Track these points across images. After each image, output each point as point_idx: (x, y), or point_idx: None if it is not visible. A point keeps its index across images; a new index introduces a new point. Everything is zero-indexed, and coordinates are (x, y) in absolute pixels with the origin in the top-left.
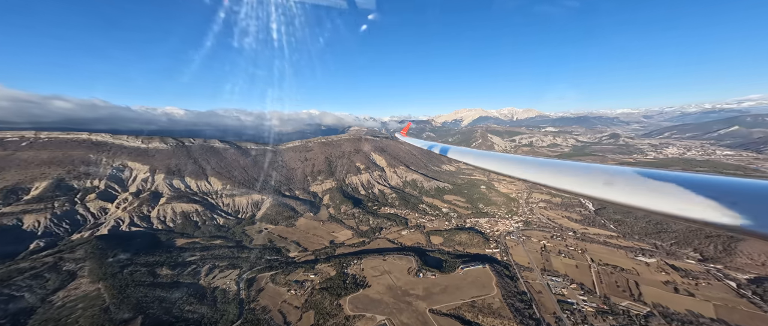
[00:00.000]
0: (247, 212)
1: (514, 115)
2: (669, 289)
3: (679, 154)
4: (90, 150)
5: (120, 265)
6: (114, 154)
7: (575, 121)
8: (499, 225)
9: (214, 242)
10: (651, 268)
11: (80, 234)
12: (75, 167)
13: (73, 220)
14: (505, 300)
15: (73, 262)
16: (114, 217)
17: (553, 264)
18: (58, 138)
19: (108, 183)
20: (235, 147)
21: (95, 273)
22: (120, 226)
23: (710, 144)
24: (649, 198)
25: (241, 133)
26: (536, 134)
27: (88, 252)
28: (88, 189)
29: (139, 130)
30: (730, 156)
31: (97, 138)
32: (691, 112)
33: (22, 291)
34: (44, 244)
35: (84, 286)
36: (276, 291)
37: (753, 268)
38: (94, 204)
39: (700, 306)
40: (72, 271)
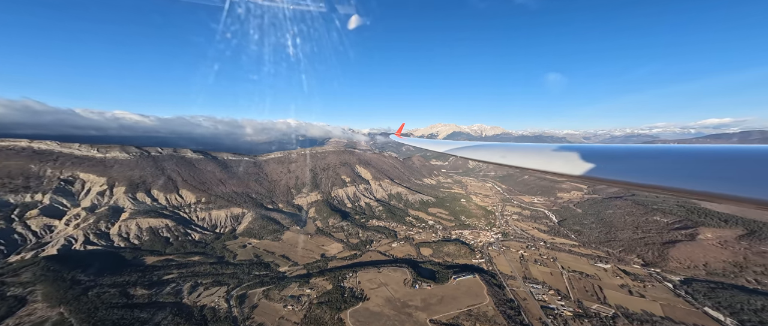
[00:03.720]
0: (225, 226)
1: (483, 131)
2: (625, 292)
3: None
4: (31, 160)
5: (81, 287)
6: (61, 165)
7: (533, 140)
8: (481, 236)
9: (191, 259)
10: (608, 273)
11: (20, 255)
12: (12, 179)
13: (9, 240)
14: (497, 307)
15: (20, 286)
16: (64, 235)
17: (531, 272)
18: None
19: (54, 198)
20: (210, 157)
21: (52, 297)
22: (72, 245)
23: None
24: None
25: (212, 142)
26: None
27: (37, 275)
28: (28, 204)
29: (95, 137)
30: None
31: (40, 146)
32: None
33: None
34: None
35: (40, 311)
36: (271, 307)
37: (682, 271)
38: (36, 221)
39: (651, 306)
40: (20, 296)
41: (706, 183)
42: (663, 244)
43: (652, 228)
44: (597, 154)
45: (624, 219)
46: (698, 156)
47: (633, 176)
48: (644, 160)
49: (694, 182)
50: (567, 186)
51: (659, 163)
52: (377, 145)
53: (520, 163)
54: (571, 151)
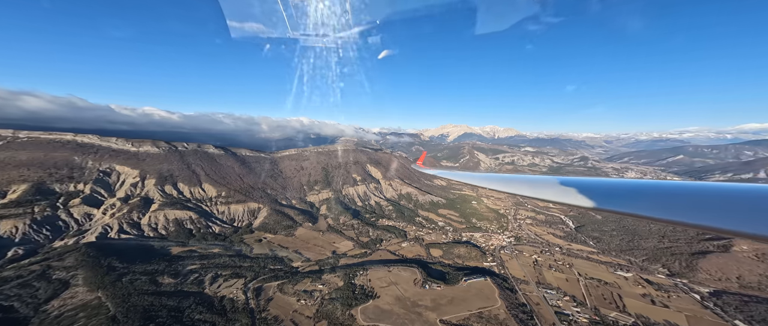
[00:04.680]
0: (243, 220)
1: (495, 132)
2: (647, 301)
3: (637, 178)
4: (75, 152)
5: (116, 273)
6: (101, 157)
7: (549, 142)
8: (492, 239)
9: (212, 250)
10: (629, 282)
11: (63, 241)
12: (58, 170)
13: (54, 226)
14: (509, 311)
15: (64, 270)
16: (101, 224)
17: (545, 277)
18: (39, 138)
19: (94, 188)
20: (229, 153)
21: (91, 282)
22: (108, 233)
23: (661, 170)
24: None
25: (230, 138)
26: (517, 153)
27: (79, 260)
28: (71, 193)
29: (127, 131)
30: (678, 181)
31: (83, 139)
32: (642, 140)
33: (11, 301)
34: (24, 252)
35: (81, 295)
36: (285, 300)
37: (712, 283)
38: (78, 209)
39: (675, 317)
40: (64, 280)
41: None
42: (692, 255)
43: (681, 237)
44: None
45: (649, 227)
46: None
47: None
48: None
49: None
50: None
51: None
52: (387, 145)
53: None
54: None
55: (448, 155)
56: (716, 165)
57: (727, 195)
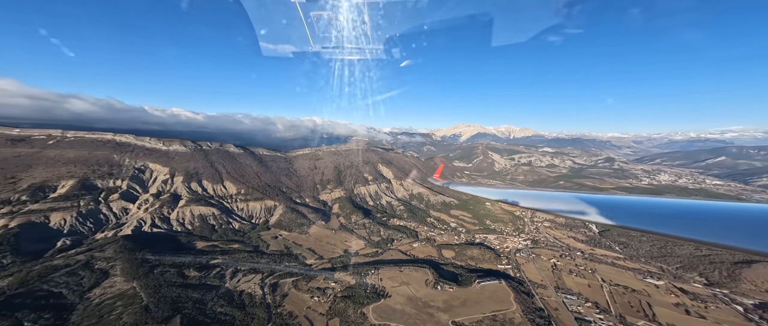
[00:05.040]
0: (260, 217)
1: (511, 132)
2: (681, 311)
3: (671, 181)
4: (114, 150)
5: (149, 265)
6: (136, 155)
7: (570, 143)
8: (507, 242)
9: (232, 246)
10: (660, 290)
11: (104, 233)
12: (99, 167)
13: (96, 219)
14: (525, 315)
15: (104, 261)
16: (136, 218)
17: (565, 282)
18: (84, 137)
19: (130, 184)
20: (248, 152)
21: (127, 273)
22: (142, 227)
23: (699, 172)
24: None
25: (248, 138)
26: (535, 154)
27: (117, 252)
28: (111, 189)
29: (158, 131)
30: (719, 185)
31: (121, 138)
32: (677, 140)
33: (59, 288)
34: (71, 242)
35: (118, 285)
36: (299, 297)
37: (757, 294)
38: (116, 204)
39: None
40: (104, 270)
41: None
42: (734, 264)
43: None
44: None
45: None
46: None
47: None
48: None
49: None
50: (611, 195)
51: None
52: (399, 144)
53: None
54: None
55: (460, 155)
56: (764, 167)
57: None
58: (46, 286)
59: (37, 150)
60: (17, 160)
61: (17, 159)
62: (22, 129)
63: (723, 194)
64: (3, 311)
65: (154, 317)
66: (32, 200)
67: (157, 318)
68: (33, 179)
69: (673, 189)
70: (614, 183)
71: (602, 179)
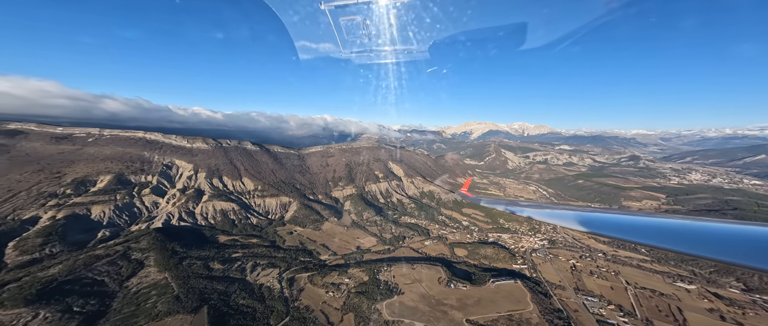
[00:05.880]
0: (276, 213)
1: (525, 130)
2: (715, 317)
3: (704, 181)
4: (145, 147)
5: (178, 257)
6: (164, 152)
7: (590, 140)
8: (523, 241)
9: (251, 241)
10: (692, 295)
11: (138, 225)
12: (132, 163)
13: (131, 212)
14: (543, 316)
15: (139, 252)
16: (165, 211)
17: (585, 284)
18: (119, 135)
19: (159, 179)
20: (264, 149)
21: (160, 264)
22: (171, 220)
23: (736, 172)
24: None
25: (263, 135)
26: (551, 151)
27: (150, 243)
28: (142, 184)
29: (181, 129)
30: (759, 185)
31: (151, 136)
32: (711, 137)
33: (102, 276)
34: (109, 234)
35: (153, 275)
36: (315, 291)
37: None
38: (148, 198)
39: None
40: (140, 260)
41: None
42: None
43: None
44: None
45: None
46: None
47: None
48: None
49: None
50: (637, 194)
51: None
52: (410, 142)
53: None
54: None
55: (471, 153)
56: None
57: None
58: (91, 274)
59: (78, 147)
60: (61, 156)
61: (61, 155)
62: (64, 127)
63: (764, 194)
64: (56, 296)
65: (184, 307)
66: (76, 193)
67: (187, 308)
68: (76, 174)
69: (706, 189)
70: (640, 182)
71: (626, 178)
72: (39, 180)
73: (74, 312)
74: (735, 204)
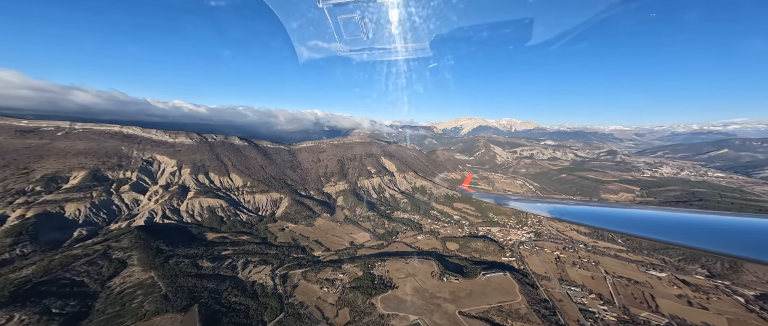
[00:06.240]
0: (266, 209)
1: (512, 125)
2: (683, 303)
3: (673, 174)
4: (122, 142)
5: (164, 256)
6: (144, 147)
7: (572, 136)
8: (511, 234)
9: (241, 238)
10: (663, 282)
11: (117, 224)
12: (109, 158)
13: (109, 210)
14: (530, 306)
15: (121, 251)
16: (148, 209)
17: (569, 274)
18: (92, 129)
19: (139, 176)
20: (252, 145)
21: (145, 263)
22: (154, 218)
23: (701, 165)
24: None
25: (251, 130)
26: (536, 147)
27: (132, 242)
28: (121, 180)
29: (161, 123)
30: (721, 178)
31: (128, 130)
32: (680, 133)
33: (81, 276)
34: (86, 232)
35: (137, 274)
36: (309, 287)
37: (759, 285)
38: (128, 195)
39: (714, 319)
40: (122, 259)
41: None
42: (737, 256)
43: None
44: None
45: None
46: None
47: None
48: None
49: None
50: (614, 187)
51: None
52: (402, 137)
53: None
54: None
55: (462, 148)
56: (767, 159)
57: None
58: (69, 275)
59: (46, 141)
60: (28, 151)
61: (28, 150)
62: (30, 120)
63: (726, 186)
64: (32, 298)
65: (173, 306)
66: (46, 191)
67: (176, 307)
68: (45, 170)
69: (675, 181)
70: (617, 175)
71: (604, 172)
72: (4, 177)
73: (53, 314)
74: (700, 196)
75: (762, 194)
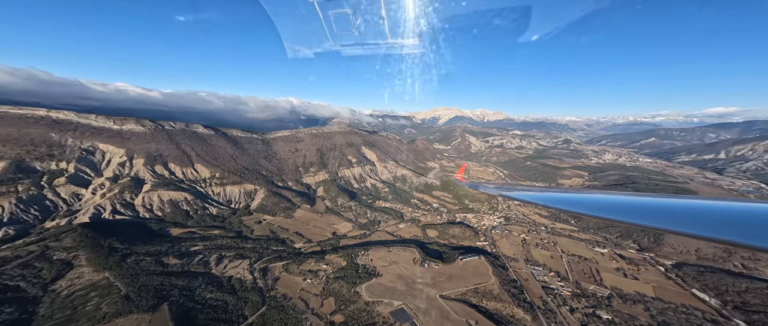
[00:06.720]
0: (240, 202)
1: (485, 116)
2: (620, 275)
3: (613, 160)
4: (51, 128)
5: (119, 254)
6: (82, 135)
7: (535, 126)
8: (484, 220)
9: (212, 232)
10: (605, 257)
11: (55, 221)
12: (36, 147)
13: (42, 206)
14: (502, 286)
15: (64, 251)
16: (92, 204)
17: (533, 255)
18: (9, 113)
19: (78, 166)
20: (220, 133)
21: (96, 263)
22: (101, 214)
23: (634, 152)
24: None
25: (216, 118)
26: (506, 136)
27: (77, 241)
28: (54, 172)
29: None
30: (649, 163)
31: (59, 115)
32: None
33: (15, 281)
34: (15, 232)
35: (88, 275)
36: (291, 280)
37: (675, 256)
38: (65, 189)
39: (643, 288)
40: (66, 260)
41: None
42: (658, 230)
43: None
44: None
45: None
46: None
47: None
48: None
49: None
50: (568, 173)
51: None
52: (382, 127)
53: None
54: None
55: (440, 138)
56: (683, 147)
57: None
58: (0, 280)
59: None
60: None
61: None
62: None
63: (652, 169)
64: None
65: (138, 306)
66: None
67: (142, 307)
68: None
69: (614, 167)
70: (570, 162)
71: (561, 159)
72: None
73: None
74: (634, 179)
75: (679, 176)
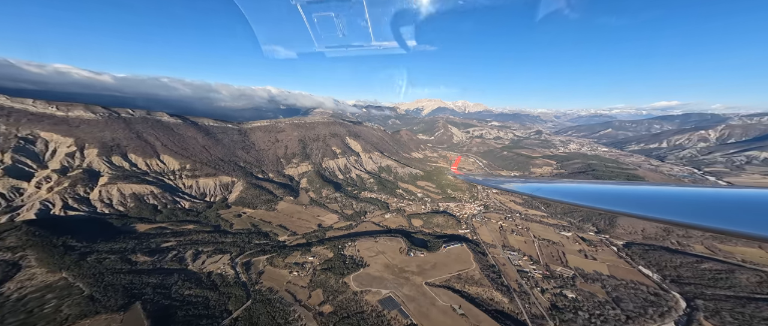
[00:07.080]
0: (215, 195)
1: (466, 107)
2: (582, 256)
3: (577, 149)
4: None
5: (77, 253)
6: (17, 121)
7: (511, 117)
8: (465, 208)
9: (186, 227)
10: (570, 240)
11: None
12: None
13: None
14: (483, 272)
15: (8, 251)
16: (38, 199)
17: (509, 241)
18: None
19: (16, 157)
20: (189, 122)
21: (48, 263)
22: (50, 210)
23: (595, 142)
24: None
25: (181, 106)
26: (485, 127)
27: (23, 240)
28: None
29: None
30: (606, 152)
31: None
32: (583, 115)
33: None
34: None
35: (41, 277)
36: (277, 273)
37: (625, 236)
38: (2, 182)
39: (600, 267)
40: (11, 261)
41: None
42: (612, 213)
43: None
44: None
45: None
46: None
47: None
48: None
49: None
50: (540, 162)
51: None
52: (366, 117)
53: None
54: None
55: (423, 128)
56: (634, 137)
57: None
58: None
59: None
60: None
61: None
62: None
63: (608, 158)
64: None
65: (105, 306)
66: None
67: (109, 307)
68: None
69: (578, 156)
70: (541, 152)
71: (533, 149)
72: None
73: None
74: (594, 167)
75: (630, 164)
